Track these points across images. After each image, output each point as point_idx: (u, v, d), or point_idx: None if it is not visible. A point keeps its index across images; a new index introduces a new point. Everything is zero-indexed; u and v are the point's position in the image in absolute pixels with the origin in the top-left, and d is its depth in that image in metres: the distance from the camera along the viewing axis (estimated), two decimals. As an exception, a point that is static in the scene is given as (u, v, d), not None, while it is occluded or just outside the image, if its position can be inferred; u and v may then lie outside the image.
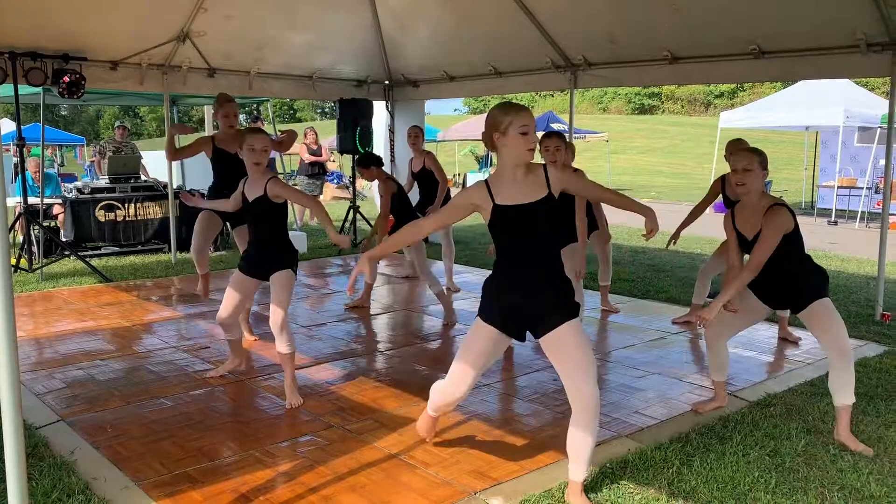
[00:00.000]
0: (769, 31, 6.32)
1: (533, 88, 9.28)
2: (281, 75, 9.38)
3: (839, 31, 5.92)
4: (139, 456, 3.47)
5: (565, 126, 11.78)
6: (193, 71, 8.59)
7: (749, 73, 7.17)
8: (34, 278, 7.76)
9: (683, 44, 7.00)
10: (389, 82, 10.25)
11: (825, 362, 4.93)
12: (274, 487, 3.15)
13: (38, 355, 5.14)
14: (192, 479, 3.23)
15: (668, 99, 56.03)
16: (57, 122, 49.23)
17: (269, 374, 4.71)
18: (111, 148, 10.49)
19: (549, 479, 3.23)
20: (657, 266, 8.76)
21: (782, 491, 3.12)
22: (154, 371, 4.78)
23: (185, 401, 4.23)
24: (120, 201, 9.25)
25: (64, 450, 3.51)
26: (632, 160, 35.19)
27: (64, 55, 7.43)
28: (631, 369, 4.84)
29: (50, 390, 4.38)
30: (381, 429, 3.81)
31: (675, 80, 7.94)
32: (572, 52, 7.92)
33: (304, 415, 4.02)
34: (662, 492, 3.11)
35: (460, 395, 3.20)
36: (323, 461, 3.41)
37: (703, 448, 3.54)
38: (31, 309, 6.56)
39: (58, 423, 3.89)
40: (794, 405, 4.14)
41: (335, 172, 22.13)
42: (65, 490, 3.07)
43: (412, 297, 7.17)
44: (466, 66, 9.15)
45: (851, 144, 15.83)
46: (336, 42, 9.08)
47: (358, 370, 4.84)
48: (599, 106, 57.85)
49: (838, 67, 6.32)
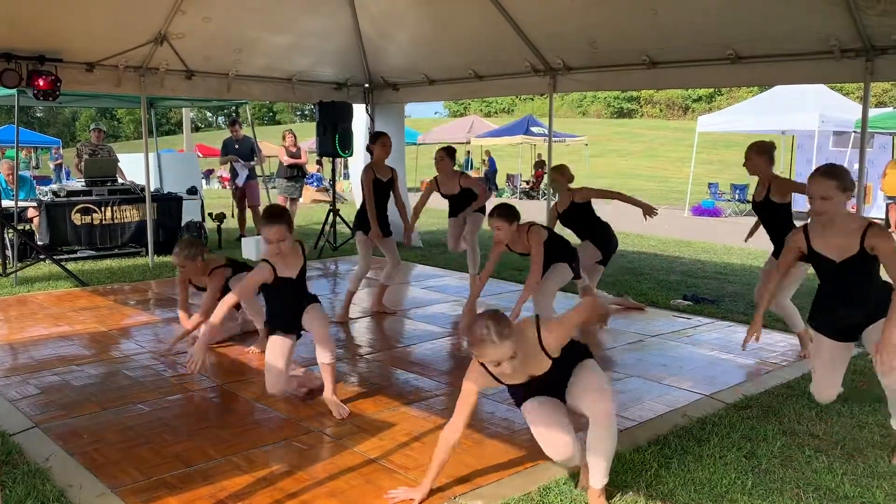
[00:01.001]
0: (745, 37, 6.39)
1: (512, 92, 9.31)
2: (260, 78, 9.33)
3: (813, 36, 5.99)
4: (115, 462, 3.43)
5: (545, 129, 11.81)
6: (171, 73, 8.53)
7: (725, 79, 7.24)
8: (8, 282, 7.66)
9: (661, 48, 7.05)
10: (369, 85, 10.23)
11: (802, 363, 5.02)
12: (252, 493, 3.13)
13: (13, 361, 5.07)
14: (170, 485, 3.21)
15: (647, 103, 56.52)
16: (32, 123, 48.65)
17: (248, 379, 4.68)
18: (87, 151, 10.37)
19: (528, 482, 3.24)
20: (636, 269, 8.82)
21: (758, 492, 3.15)
22: (131, 376, 4.73)
23: (163, 406, 4.19)
24: (96, 204, 9.15)
25: (38, 457, 3.47)
26: (611, 163, 35.42)
27: (39, 56, 7.34)
28: (609, 372, 4.86)
29: (24, 396, 4.32)
30: (360, 433, 3.80)
31: (654, 85, 7.99)
32: (551, 57, 7.95)
33: (281, 419, 3.99)
34: (640, 494, 3.13)
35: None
36: (302, 466, 3.40)
37: (680, 450, 3.57)
38: (6, 314, 6.47)
39: (32, 429, 3.83)
40: (770, 407, 4.18)
41: (315, 175, 22.07)
42: (39, 498, 3.03)
43: (393, 301, 7.15)
44: (446, 69, 9.16)
45: (827, 148, 16.04)
46: (316, 44, 9.05)
47: (337, 375, 4.81)
48: (579, 109, 58.24)
49: (813, 73, 6.39)
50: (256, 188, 11.18)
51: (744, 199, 17.28)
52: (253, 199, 11.08)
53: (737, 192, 17.53)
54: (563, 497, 3.10)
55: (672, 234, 12.85)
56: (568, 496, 3.11)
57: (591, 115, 56.30)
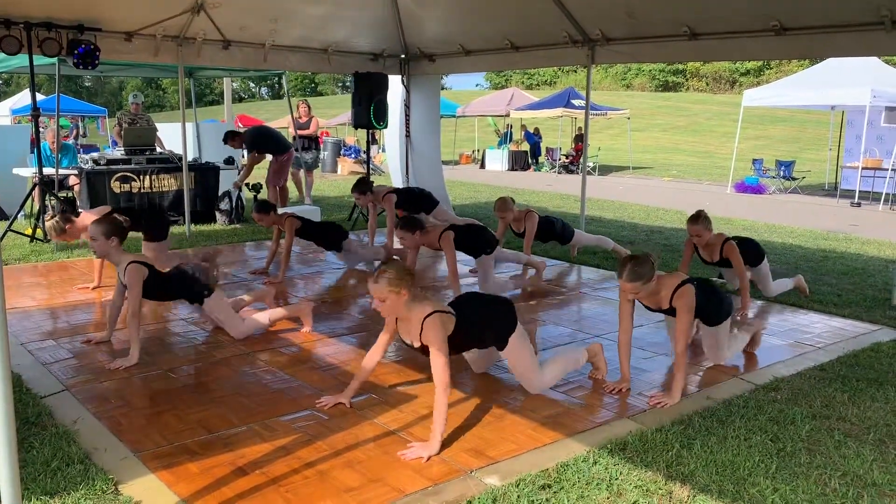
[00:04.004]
0: (790, 7, 6.16)
1: (550, 63, 9.14)
2: (296, 48, 9.32)
3: (862, 7, 5.75)
4: (140, 427, 3.50)
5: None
6: (208, 43, 8.56)
7: (770, 51, 6.98)
8: (49, 248, 7.84)
9: (703, 19, 6.84)
10: (405, 56, 10.16)
11: (836, 347, 4.90)
12: (270, 461, 3.16)
13: (49, 325, 5.19)
14: (191, 451, 3.25)
15: (693, 76, 55.25)
16: (80, 93, 49.56)
17: (274, 348, 4.72)
18: (126, 120, 10.51)
19: (546, 459, 3.21)
20: (672, 246, 8.67)
21: (782, 476, 3.08)
22: (162, 343, 4.81)
23: (190, 373, 4.26)
24: (135, 173, 9.28)
25: (66, 419, 3.55)
26: (654, 138, 34.80)
27: (79, 25, 7.43)
28: (637, 350, 4.79)
29: (57, 360, 4.42)
30: (381, 405, 3.81)
31: (694, 57, 7.80)
32: (590, 27, 7.78)
33: (305, 389, 4.02)
34: (660, 474, 3.08)
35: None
36: (321, 436, 3.42)
37: (704, 431, 3.51)
38: (46, 279, 6.63)
39: (62, 392, 3.92)
40: (801, 390, 4.08)
41: (353, 147, 22.10)
42: (64, 459, 3.10)
43: (427, 274, 7.15)
44: (483, 40, 9.04)
45: (878, 125, 15.51)
46: (352, 14, 8.99)
47: (364, 346, 4.83)
48: (623, 82, 57.19)
49: (861, 45, 6.14)
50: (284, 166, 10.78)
51: (789, 175, 16.83)
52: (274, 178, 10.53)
53: (782, 168, 17.07)
54: (580, 475, 3.07)
55: (713, 211, 12.57)
56: (586, 474, 3.08)
57: (635, 88, 55.29)
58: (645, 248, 8.51)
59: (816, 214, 12.33)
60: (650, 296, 4.06)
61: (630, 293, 3.98)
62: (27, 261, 7.34)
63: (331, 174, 19.84)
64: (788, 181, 16.81)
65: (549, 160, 23.70)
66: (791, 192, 16.43)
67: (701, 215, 5.57)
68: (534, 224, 6.83)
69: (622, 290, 4.03)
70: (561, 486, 2.99)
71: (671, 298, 4.00)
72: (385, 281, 3.36)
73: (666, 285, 4.03)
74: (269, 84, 68.80)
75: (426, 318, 3.41)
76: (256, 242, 8.65)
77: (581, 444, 3.36)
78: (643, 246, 8.64)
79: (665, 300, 4.05)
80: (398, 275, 3.37)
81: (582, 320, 5.58)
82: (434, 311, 3.44)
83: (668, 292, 4.01)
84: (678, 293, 3.98)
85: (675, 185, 18.43)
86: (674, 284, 4.01)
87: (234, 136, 10.03)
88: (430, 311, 3.44)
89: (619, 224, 10.61)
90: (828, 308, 5.91)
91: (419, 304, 3.47)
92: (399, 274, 3.38)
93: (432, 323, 3.39)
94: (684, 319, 3.96)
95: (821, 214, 12.37)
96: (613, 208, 12.50)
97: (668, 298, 4.02)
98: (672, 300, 4.01)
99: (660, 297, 4.06)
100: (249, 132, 10.52)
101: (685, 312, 3.96)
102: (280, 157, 10.25)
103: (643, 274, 3.87)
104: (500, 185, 16.97)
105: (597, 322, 5.47)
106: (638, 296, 4.00)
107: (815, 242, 9.22)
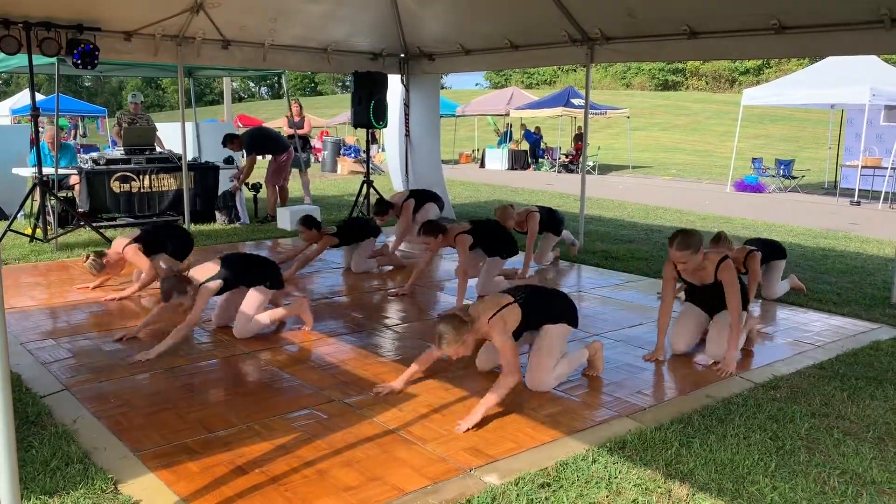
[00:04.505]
0: (790, 6, 6.16)
1: (549, 62, 9.14)
2: (296, 47, 9.33)
3: (861, 6, 5.75)
4: (140, 427, 3.50)
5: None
6: (207, 42, 8.56)
7: (769, 49, 6.99)
8: (49, 248, 7.84)
9: (702, 18, 6.84)
10: (405, 55, 10.16)
11: (835, 345, 4.90)
12: (270, 460, 3.16)
13: (49, 325, 5.19)
14: (190, 450, 3.26)
15: (693, 75, 55.23)
16: (80, 93, 49.56)
17: (273, 347, 4.72)
18: (126, 119, 10.51)
19: (545, 458, 3.21)
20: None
21: (781, 475, 3.08)
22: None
23: (190, 372, 4.26)
24: (135, 173, 9.28)
25: (66, 419, 3.55)
26: (653, 137, 34.80)
27: (78, 25, 7.43)
28: (637, 349, 4.79)
29: (56, 360, 4.42)
30: (381, 404, 3.81)
31: (694, 56, 7.79)
32: (589, 26, 7.78)
33: (305, 388, 4.03)
34: (659, 472, 3.08)
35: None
36: (320, 435, 3.42)
37: (703, 430, 3.51)
38: (46, 279, 6.63)
39: (62, 392, 3.92)
40: (800, 388, 4.08)
41: (353, 146, 22.10)
42: (63, 459, 3.10)
43: (429, 274, 7.14)
44: (482, 39, 9.04)
45: (877, 123, 15.52)
46: (351, 14, 9.00)
47: (364, 345, 4.84)
48: (623, 81, 57.17)
49: (861, 44, 6.14)
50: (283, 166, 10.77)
51: (788, 174, 16.83)
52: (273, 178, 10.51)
53: (781, 167, 17.07)
54: (579, 473, 3.07)
55: (712, 210, 12.59)
56: (585, 472, 3.08)
57: (634, 87, 55.27)
58: (644, 246, 8.51)
59: (816, 213, 12.33)
60: (696, 271, 4.43)
61: (679, 262, 4.36)
62: (27, 260, 7.34)
63: (331, 173, 19.84)
64: (788, 180, 16.81)
65: (548, 159, 23.70)
66: (790, 191, 16.43)
67: (721, 237, 5.61)
68: (535, 224, 6.91)
69: (668, 266, 4.50)
70: (560, 484, 2.99)
71: (716, 271, 4.38)
72: (448, 344, 3.64)
73: (711, 259, 4.41)
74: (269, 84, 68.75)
75: (488, 322, 3.75)
76: (256, 242, 8.66)
77: (580, 443, 3.36)
78: (642, 245, 8.64)
79: (710, 274, 4.41)
80: (454, 331, 3.62)
81: (582, 318, 5.56)
82: (492, 314, 3.75)
83: (712, 266, 4.39)
84: (723, 266, 4.36)
85: (675, 184, 18.42)
86: (717, 258, 4.40)
87: (232, 140, 10.03)
88: (488, 316, 3.75)
89: (618, 223, 10.61)
90: (827, 306, 5.92)
91: (477, 323, 3.75)
92: (453, 330, 3.63)
93: (494, 325, 3.73)
94: (732, 291, 4.33)
95: (820, 213, 12.37)
96: (613, 207, 12.50)
97: (712, 272, 4.40)
98: (717, 273, 4.37)
99: (705, 272, 4.43)
100: (247, 134, 10.51)
101: (732, 284, 4.33)
102: (279, 157, 10.25)
103: (692, 244, 4.27)
104: (500, 185, 16.96)
105: (596, 321, 5.47)
106: (685, 267, 4.38)
107: (814, 241, 9.22)
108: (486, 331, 3.77)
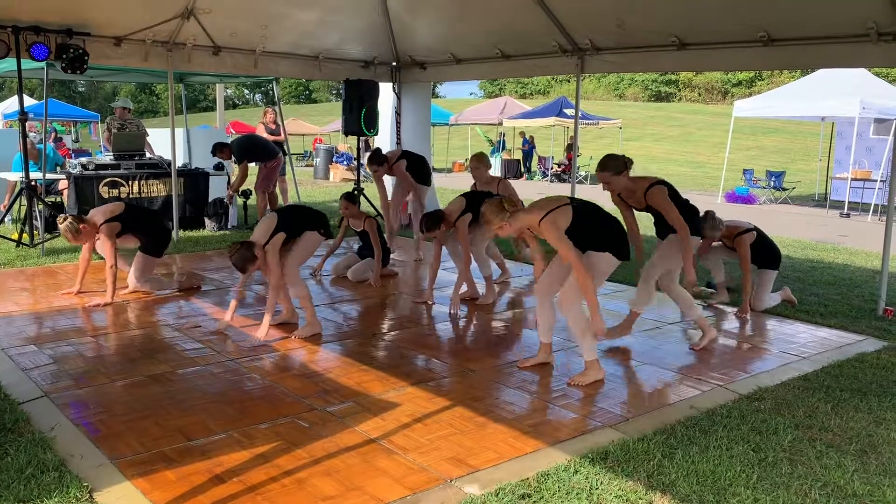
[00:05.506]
0: (778, 19, 6.19)
1: (540, 72, 9.15)
2: (287, 54, 9.32)
3: (849, 18, 5.78)
4: (118, 434, 3.46)
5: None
6: (198, 48, 8.55)
7: (758, 61, 7.03)
8: (35, 253, 7.79)
9: (690, 30, 6.87)
10: (397, 64, 10.16)
11: (821, 357, 4.90)
12: (248, 469, 3.13)
13: (31, 331, 5.14)
14: (168, 458, 3.22)
15: (685, 87, 55.47)
16: (73, 98, 49.47)
17: (256, 355, 4.69)
18: (116, 124, 10.47)
19: (526, 469, 3.19)
20: (661, 255, 8.66)
21: (763, 487, 3.07)
22: (144, 349, 4.77)
23: (171, 379, 4.22)
24: (124, 178, 9.24)
25: (44, 426, 3.51)
26: (646, 147, 34.89)
27: (67, 30, 7.40)
28: (623, 360, 4.78)
29: (37, 366, 4.38)
30: (363, 412, 3.78)
31: (683, 67, 7.82)
32: (579, 37, 7.80)
33: (286, 396, 3.99)
34: (641, 484, 3.06)
35: None
36: (301, 443, 3.39)
37: (686, 441, 3.49)
38: (32, 283, 6.58)
39: (41, 398, 3.88)
40: (784, 399, 4.07)
41: (345, 154, 22.10)
42: (39, 466, 3.06)
43: (411, 282, 7.13)
44: (473, 48, 9.05)
45: (867, 136, 15.59)
46: (343, 21, 9.00)
47: (347, 353, 4.81)
48: (616, 92, 57.39)
49: (848, 56, 6.17)
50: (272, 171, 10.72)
51: (779, 186, 16.88)
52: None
53: (772, 178, 17.12)
54: (560, 484, 3.05)
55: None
56: (566, 483, 3.06)
57: (627, 98, 55.48)
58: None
59: (806, 225, 12.37)
60: (630, 195, 4.73)
61: (604, 184, 4.66)
62: (12, 266, 7.29)
63: (323, 181, 19.82)
64: (779, 191, 16.87)
65: (540, 169, 23.72)
66: (781, 203, 16.48)
67: (708, 215, 5.79)
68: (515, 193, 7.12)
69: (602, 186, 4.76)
70: (541, 495, 2.97)
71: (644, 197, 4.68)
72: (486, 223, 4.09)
73: (640, 185, 4.68)
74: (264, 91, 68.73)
75: (539, 223, 4.00)
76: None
77: (562, 453, 3.34)
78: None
79: (640, 200, 4.72)
80: (492, 214, 4.01)
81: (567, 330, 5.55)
82: (544, 213, 3.99)
83: (641, 192, 4.68)
84: (651, 191, 4.64)
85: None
86: (647, 184, 4.67)
87: (222, 149, 9.97)
88: (540, 215, 3.99)
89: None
90: (814, 318, 5.92)
91: (526, 216, 4.05)
92: (490, 213, 4.01)
93: (545, 226, 3.97)
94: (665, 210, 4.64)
95: (810, 225, 12.41)
96: (604, 217, 12.48)
97: (642, 198, 4.70)
98: (646, 198, 4.67)
99: (636, 197, 4.73)
100: (236, 142, 10.46)
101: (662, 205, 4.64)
102: (269, 163, 10.22)
103: (609, 165, 4.60)
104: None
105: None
106: (612, 188, 4.68)
107: (803, 252, 9.24)
108: (536, 230, 4.04)
